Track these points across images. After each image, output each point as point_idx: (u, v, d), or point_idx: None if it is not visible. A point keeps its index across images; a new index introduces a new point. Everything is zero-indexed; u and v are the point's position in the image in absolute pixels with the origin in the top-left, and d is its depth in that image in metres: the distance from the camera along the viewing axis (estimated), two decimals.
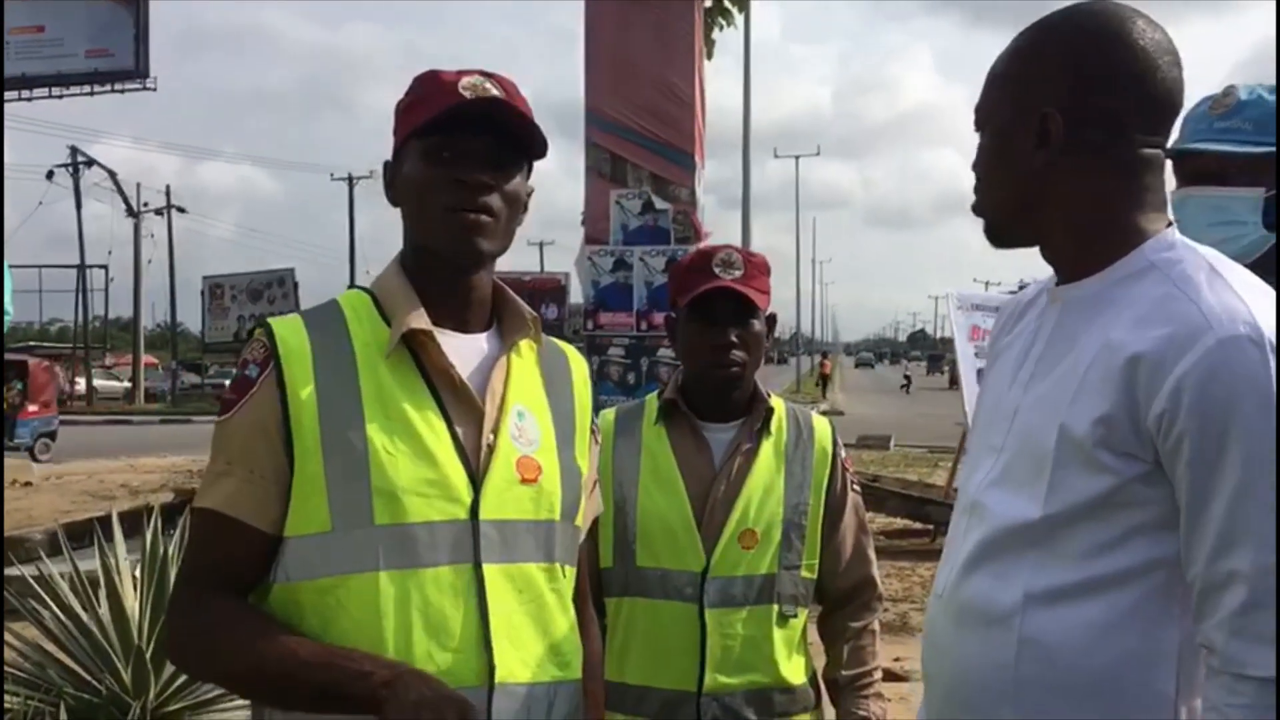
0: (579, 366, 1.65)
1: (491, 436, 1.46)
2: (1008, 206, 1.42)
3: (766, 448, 2.08)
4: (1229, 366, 1.21)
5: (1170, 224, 1.40)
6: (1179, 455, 1.23)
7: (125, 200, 41.94)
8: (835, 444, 2.15)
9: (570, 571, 1.53)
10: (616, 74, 8.38)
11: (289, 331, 1.44)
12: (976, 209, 1.46)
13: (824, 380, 37.49)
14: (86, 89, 26.77)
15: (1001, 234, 1.46)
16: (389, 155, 1.53)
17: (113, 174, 41.71)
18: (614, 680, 2.01)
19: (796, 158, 55.97)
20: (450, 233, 1.43)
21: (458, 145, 1.43)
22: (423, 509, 1.38)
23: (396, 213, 1.51)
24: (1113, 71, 1.34)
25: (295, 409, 1.39)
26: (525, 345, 1.54)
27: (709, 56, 9.57)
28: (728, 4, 9.84)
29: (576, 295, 8.62)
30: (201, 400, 35.46)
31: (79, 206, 40.46)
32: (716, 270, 2.03)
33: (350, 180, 49.66)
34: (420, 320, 1.44)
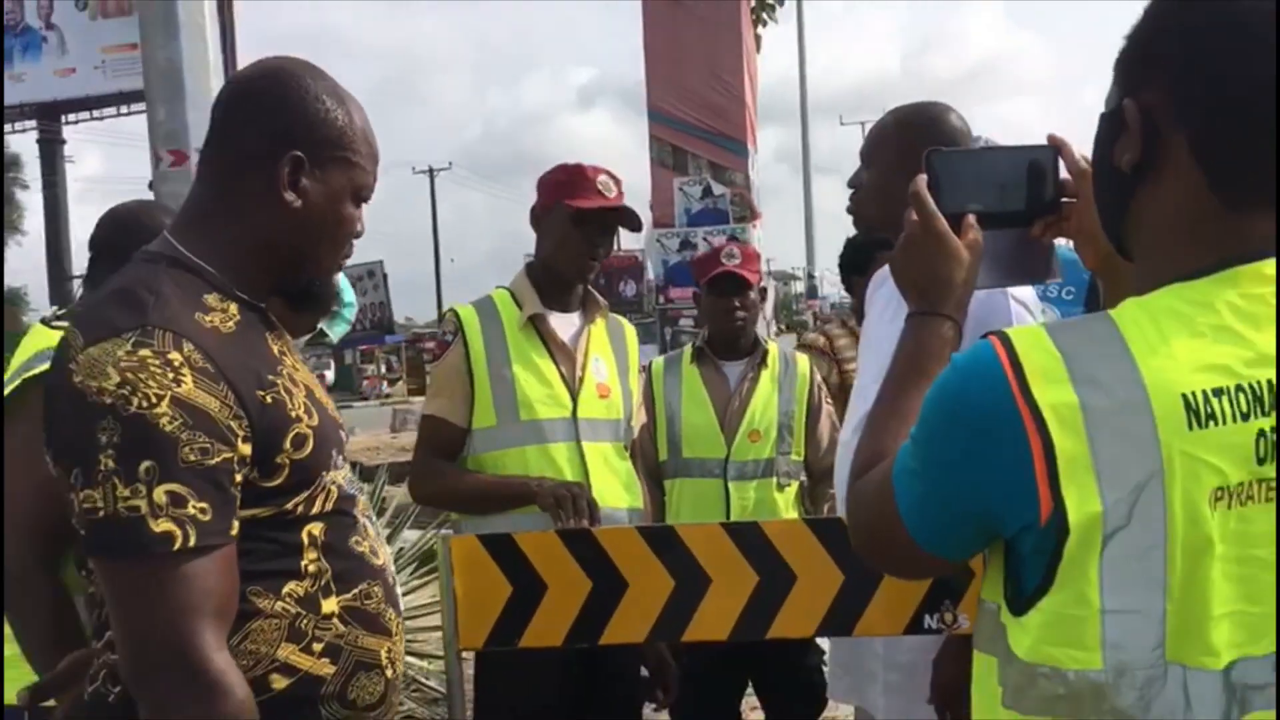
0: (630, 332, 2.73)
1: (581, 372, 2.53)
2: None
3: (765, 376, 3.14)
4: None
5: None
6: None
7: None
8: (812, 372, 3.20)
9: (625, 450, 2.60)
10: (673, 74, 9.40)
11: (467, 313, 2.54)
12: None
13: None
14: None
15: None
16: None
17: None
18: None
19: (862, 124, 55.93)
20: (580, 270, 2.53)
21: (594, 224, 2.50)
22: (546, 411, 2.47)
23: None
24: None
25: (473, 358, 2.48)
26: (599, 320, 2.62)
27: (758, 50, 10.48)
28: None
29: (651, 271, 9.69)
30: None
31: None
32: (723, 260, 3.10)
33: (431, 173, 51.23)
34: (538, 308, 2.53)
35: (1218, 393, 0.95)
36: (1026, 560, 1.01)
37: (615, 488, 2.51)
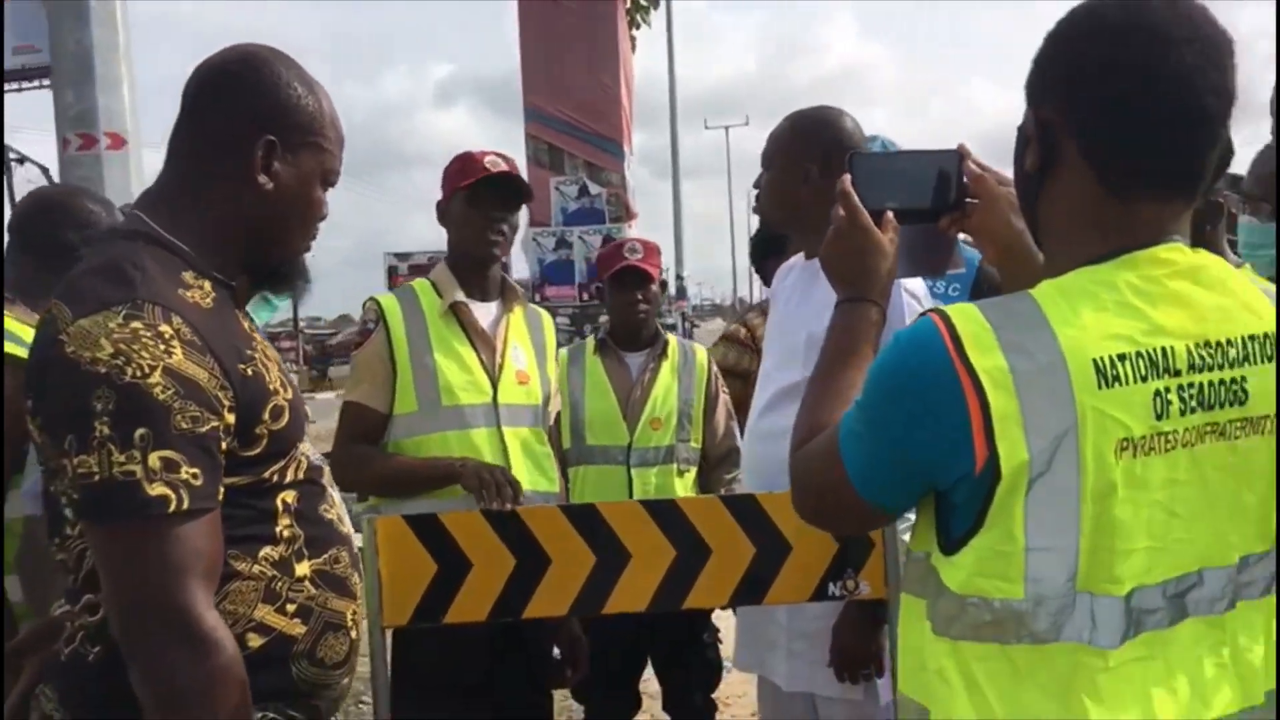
0: (548, 321, 2.83)
1: (500, 359, 2.61)
2: None
3: (665, 366, 3.28)
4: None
5: None
6: None
7: None
8: (710, 363, 3.35)
9: (544, 435, 2.70)
10: (550, 74, 9.48)
11: (389, 302, 2.59)
12: None
13: None
14: (15, 85, 26.79)
15: None
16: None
17: (45, 169, 41.52)
18: None
19: (726, 128, 56.73)
20: (484, 247, 2.59)
21: (488, 198, 2.57)
22: (467, 397, 2.54)
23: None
24: None
25: (395, 346, 2.54)
26: (518, 308, 2.70)
27: (633, 50, 10.65)
28: (643, 1, 10.89)
29: (518, 271, 9.73)
30: None
31: (13, 203, 40.35)
32: (626, 255, 3.22)
33: None
34: (459, 295, 2.60)
35: (1121, 358, 1.12)
36: (958, 508, 1.17)
37: (534, 472, 2.60)
